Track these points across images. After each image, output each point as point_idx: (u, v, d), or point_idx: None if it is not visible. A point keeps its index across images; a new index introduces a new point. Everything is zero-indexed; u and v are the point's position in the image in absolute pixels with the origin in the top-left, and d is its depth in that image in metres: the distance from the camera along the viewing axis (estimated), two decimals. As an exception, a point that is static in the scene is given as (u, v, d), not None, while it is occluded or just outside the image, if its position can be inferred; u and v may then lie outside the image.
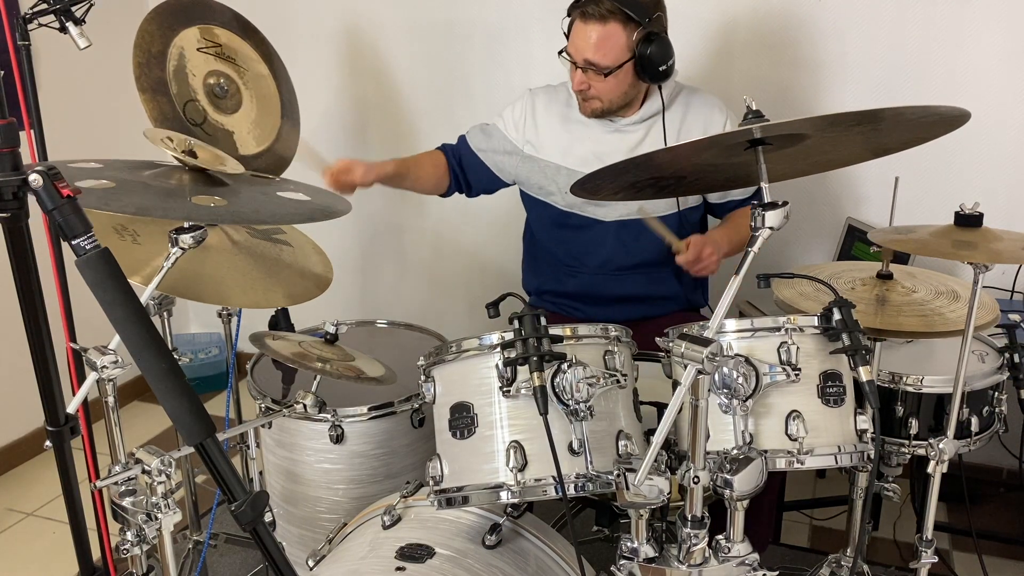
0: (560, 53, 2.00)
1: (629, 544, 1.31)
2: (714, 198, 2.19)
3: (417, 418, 1.94)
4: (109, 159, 1.46)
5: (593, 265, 2.18)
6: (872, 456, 1.39)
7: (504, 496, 1.33)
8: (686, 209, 2.14)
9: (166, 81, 1.88)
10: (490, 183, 2.26)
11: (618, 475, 1.25)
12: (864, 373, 1.32)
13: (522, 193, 2.27)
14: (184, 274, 1.57)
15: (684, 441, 1.39)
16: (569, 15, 1.98)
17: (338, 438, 1.88)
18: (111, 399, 1.40)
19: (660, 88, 2.05)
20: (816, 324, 1.38)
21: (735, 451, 1.33)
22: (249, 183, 1.56)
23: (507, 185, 2.27)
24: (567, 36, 2.00)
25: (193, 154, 1.45)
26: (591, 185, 1.47)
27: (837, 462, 1.37)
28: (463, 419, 1.36)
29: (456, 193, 2.31)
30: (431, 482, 1.41)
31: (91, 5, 1.90)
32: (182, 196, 1.39)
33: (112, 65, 2.80)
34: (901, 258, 2.16)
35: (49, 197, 0.98)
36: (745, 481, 1.27)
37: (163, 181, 1.45)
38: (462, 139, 2.27)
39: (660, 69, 1.94)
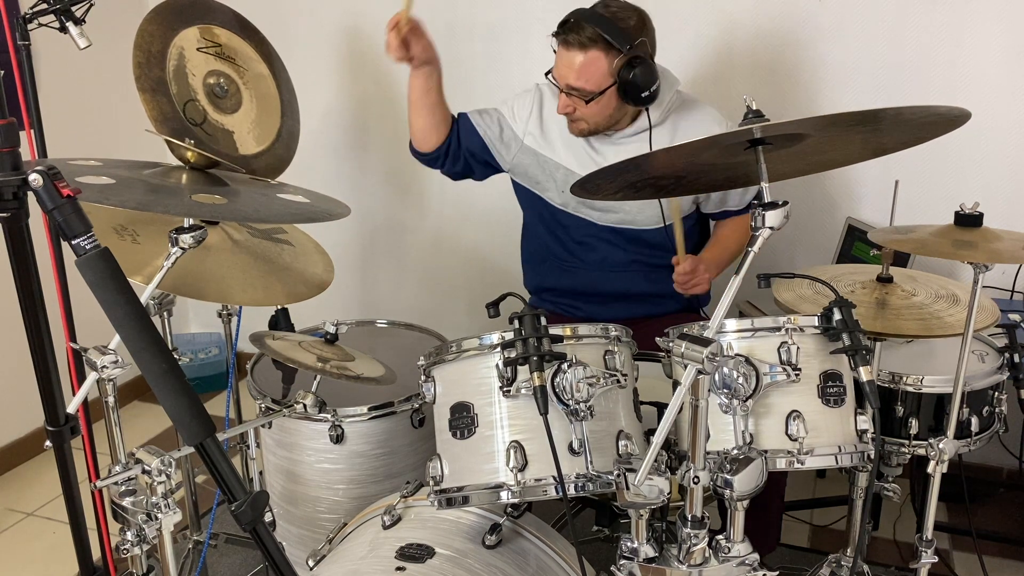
0: (547, 75, 2.00)
1: (629, 544, 1.31)
2: (709, 208, 2.18)
3: (417, 418, 1.94)
4: (109, 158, 1.46)
5: (591, 261, 2.18)
6: (872, 456, 1.39)
7: (504, 496, 1.33)
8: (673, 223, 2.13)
9: (166, 81, 1.88)
10: (482, 156, 2.20)
11: (618, 475, 1.25)
12: (864, 373, 1.32)
13: (514, 183, 2.25)
14: (185, 272, 1.57)
15: (684, 441, 1.39)
16: (556, 38, 1.97)
17: (338, 438, 1.88)
18: (111, 399, 1.40)
19: (647, 109, 2.02)
20: (816, 324, 1.38)
21: (735, 451, 1.33)
22: (249, 184, 1.56)
23: (498, 171, 2.25)
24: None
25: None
26: (591, 185, 1.47)
27: (837, 462, 1.37)
28: (463, 419, 1.36)
29: (437, 166, 2.24)
30: (431, 482, 1.41)
31: (91, 5, 1.90)
32: (182, 194, 1.39)
33: (112, 65, 2.80)
34: (901, 258, 2.16)
35: (49, 197, 0.98)
36: (745, 481, 1.27)
37: (163, 179, 1.45)
38: (462, 116, 2.22)
39: (643, 95, 1.92)
